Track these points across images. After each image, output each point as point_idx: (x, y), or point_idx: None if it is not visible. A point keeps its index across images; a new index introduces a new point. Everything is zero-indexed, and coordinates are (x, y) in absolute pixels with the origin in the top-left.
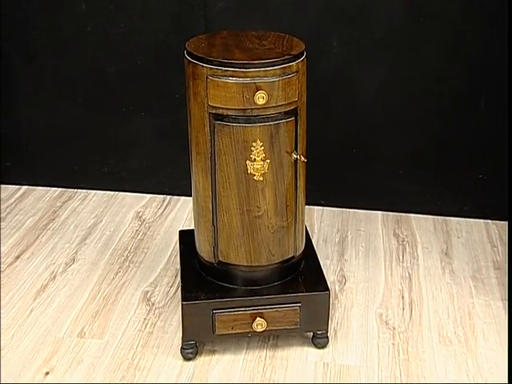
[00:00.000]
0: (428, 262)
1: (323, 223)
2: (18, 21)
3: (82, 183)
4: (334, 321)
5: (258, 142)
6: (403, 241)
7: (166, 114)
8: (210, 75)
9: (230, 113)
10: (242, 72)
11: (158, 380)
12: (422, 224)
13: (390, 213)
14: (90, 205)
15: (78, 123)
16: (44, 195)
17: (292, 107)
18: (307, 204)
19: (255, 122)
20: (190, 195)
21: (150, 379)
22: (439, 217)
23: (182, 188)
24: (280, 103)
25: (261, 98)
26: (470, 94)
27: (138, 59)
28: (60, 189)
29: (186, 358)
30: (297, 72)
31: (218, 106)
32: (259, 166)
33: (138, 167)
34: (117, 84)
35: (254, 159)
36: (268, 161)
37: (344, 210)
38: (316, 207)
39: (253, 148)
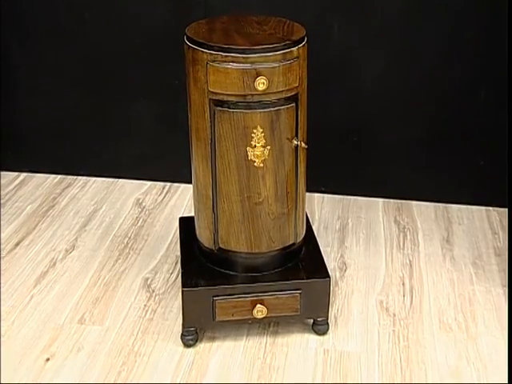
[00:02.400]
0: (429, 248)
1: (324, 210)
2: (16, 8)
3: (82, 170)
4: (334, 307)
5: (259, 128)
6: (404, 228)
7: (166, 100)
8: (211, 61)
9: (230, 99)
10: (243, 57)
11: (158, 366)
12: (422, 211)
13: (391, 200)
14: (90, 192)
15: (77, 110)
16: (43, 182)
17: (293, 93)
18: (308, 191)
19: (255, 108)
20: (190, 182)
21: (151, 366)
22: (440, 204)
23: (182, 175)
24: (280, 89)
25: (261, 84)
26: (472, 81)
27: (138, 45)
28: (59, 176)
29: (187, 345)
30: (297, 58)
31: (218, 91)
32: (259, 153)
33: (138, 154)
34: (116, 71)
35: (255, 145)
36: (268, 147)
37: (345, 197)
38: (316, 194)
39: (253, 134)
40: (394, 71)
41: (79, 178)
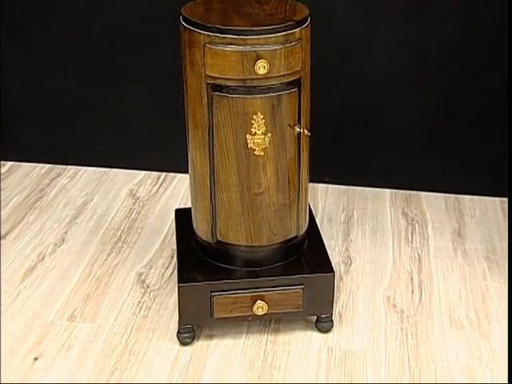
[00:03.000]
0: (439, 242)
1: (328, 201)
2: None
3: (72, 159)
4: (338, 304)
5: (259, 114)
6: (412, 220)
7: (162, 85)
8: (208, 43)
9: (228, 83)
10: (242, 39)
11: (153, 366)
12: (432, 202)
13: (399, 190)
14: (81, 182)
15: (67, 96)
16: (31, 172)
17: (295, 77)
18: (311, 181)
19: (256, 94)
20: (187, 172)
21: (145, 364)
22: (451, 195)
23: (178, 164)
24: (282, 73)
25: (262, 68)
26: (485, 65)
27: (131, 26)
28: (48, 165)
29: (183, 343)
30: (300, 39)
31: (216, 76)
32: (260, 140)
33: (132, 142)
34: (109, 54)
35: (255, 133)
36: (269, 134)
37: (350, 187)
38: (320, 185)
39: (253, 121)
40: (402, 54)
41: (69, 167)
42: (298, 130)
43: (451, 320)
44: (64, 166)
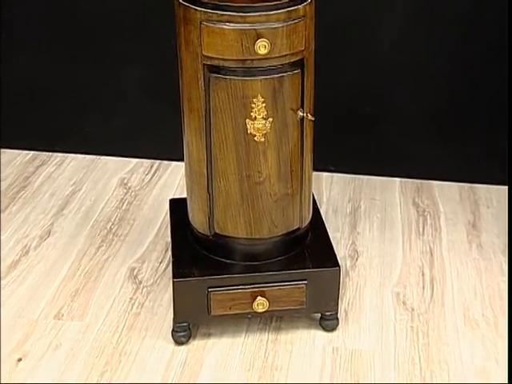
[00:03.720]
0: (452, 234)
1: (333, 191)
2: None
3: (59, 146)
4: (344, 300)
5: (259, 97)
6: (424, 211)
7: (155, 66)
8: (204, 20)
9: (227, 64)
10: (241, 17)
11: (146, 366)
12: (445, 192)
13: (409, 179)
14: (68, 170)
15: (53, 78)
16: (14, 159)
17: (298, 58)
18: (315, 170)
19: (256, 75)
20: (182, 159)
21: (137, 365)
22: (466, 184)
23: (172, 151)
24: (284, 53)
25: (262, 47)
26: (501, 46)
27: (122, 2)
28: (33, 152)
29: (178, 342)
30: (304, 17)
31: (214, 56)
32: (260, 126)
33: (123, 127)
34: (97, 33)
35: (255, 117)
36: (270, 119)
37: (356, 176)
38: (325, 173)
39: (253, 105)
40: (413, 32)
41: (55, 154)
42: (301, 114)
43: (465, 318)
44: (50, 153)
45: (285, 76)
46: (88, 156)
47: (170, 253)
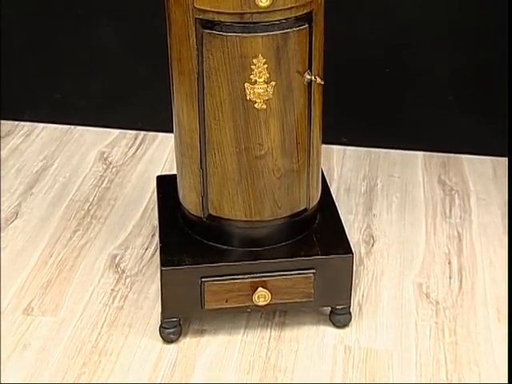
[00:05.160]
0: (484, 217)
1: (345, 167)
2: None
3: (26, 113)
4: (358, 292)
5: (260, 57)
6: (451, 190)
7: (138, 20)
8: None
9: (222, 19)
10: None
11: (130, 368)
12: (476, 167)
13: (434, 153)
14: (38, 142)
15: (19, 35)
16: None
17: (305, 11)
18: (324, 142)
19: (256, 32)
20: (171, 130)
21: (120, 367)
22: (500, 158)
23: (159, 121)
24: (289, 5)
25: None
26: None
27: None
28: None
29: (167, 340)
30: None
31: (208, 9)
32: (262, 91)
33: (102, 92)
34: None
35: (255, 81)
36: (273, 83)
37: (373, 149)
38: (336, 146)
39: (253, 66)
40: None
41: (22, 123)
42: (309, 77)
43: (499, 313)
44: (16, 122)
45: (290, 32)
46: (61, 126)
47: (157, 238)
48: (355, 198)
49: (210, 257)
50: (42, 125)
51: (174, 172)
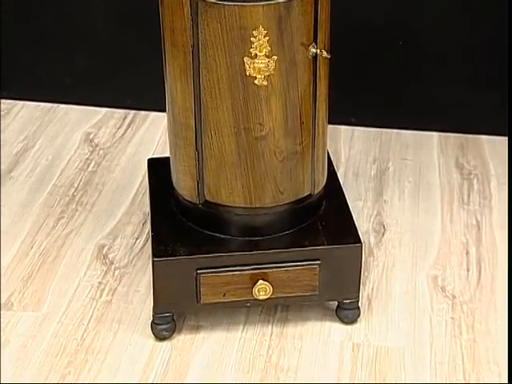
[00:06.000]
0: (505, 203)
1: (353, 149)
2: None
3: (4, 90)
4: (367, 285)
5: (261, 29)
6: (470, 174)
7: None
8: None
9: None
10: None
11: (119, 367)
12: (497, 149)
13: (451, 134)
14: (17, 122)
15: None
16: None
17: None
18: (331, 122)
19: (257, 0)
20: (164, 109)
21: (109, 366)
22: None
23: (151, 98)
24: None
25: None
26: None
27: None
28: None
29: (160, 337)
30: None
31: None
32: (262, 65)
33: (87, 67)
34: None
35: (255, 55)
36: (275, 57)
37: (384, 130)
38: (344, 127)
39: (253, 39)
40: None
41: (1, 101)
42: (314, 50)
43: None
44: None
45: (293, 1)
46: (42, 104)
47: (148, 226)
48: (364, 182)
49: (206, 247)
50: (21, 102)
51: (167, 154)
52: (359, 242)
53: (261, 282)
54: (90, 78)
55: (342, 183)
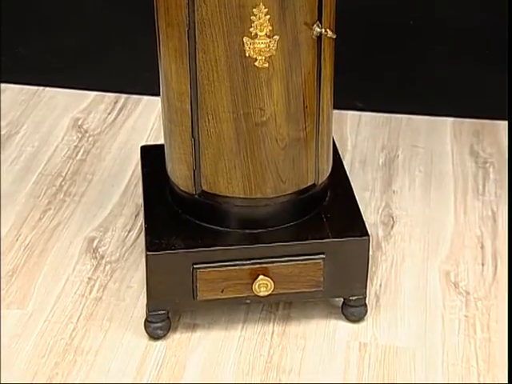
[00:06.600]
0: None
1: (360, 136)
2: None
3: None
4: (375, 281)
5: (262, 7)
6: (485, 162)
7: None
8: None
9: None
10: None
11: (110, 368)
12: None
13: (465, 119)
14: (1, 106)
15: None
16: None
17: None
18: (336, 107)
19: None
20: (157, 93)
21: (99, 367)
22: None
23: (143, 82)
24: None
25: None
26: None
27: None
28: None
29: (154, 336)
30: None
31: None
32: (263, 46)
33: (76, 48)
34: None
35: (256, 35)
36: (276, 37)
37: (393, 115)
38: (350, 112)
39: (253, 17)
40: None
41: None
42: (319, 30)
43: None
44: None
45: None
46: (27, 87)
47: (141, 218)
48: (372, 171)
49: (203, 240)
50: (4, 85)
51: (161, 142)
52: (366, 234)
53: (261, 277)
54: (79, 59)
55: (348, 172)
